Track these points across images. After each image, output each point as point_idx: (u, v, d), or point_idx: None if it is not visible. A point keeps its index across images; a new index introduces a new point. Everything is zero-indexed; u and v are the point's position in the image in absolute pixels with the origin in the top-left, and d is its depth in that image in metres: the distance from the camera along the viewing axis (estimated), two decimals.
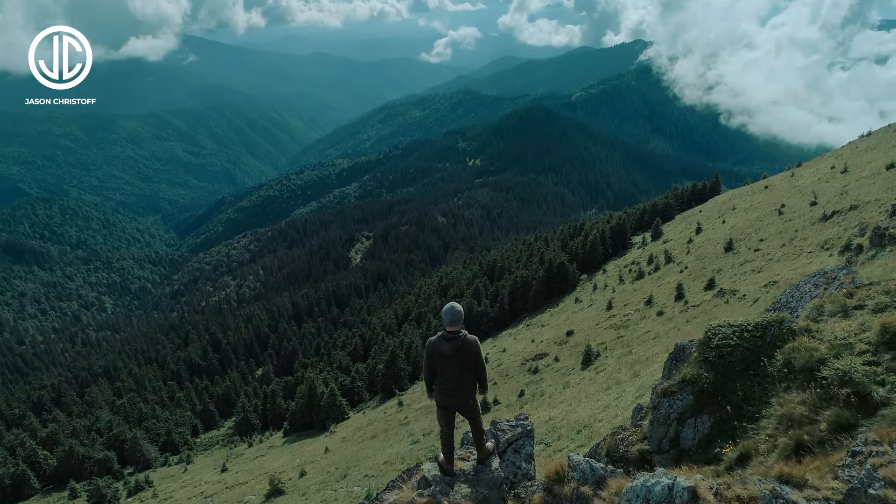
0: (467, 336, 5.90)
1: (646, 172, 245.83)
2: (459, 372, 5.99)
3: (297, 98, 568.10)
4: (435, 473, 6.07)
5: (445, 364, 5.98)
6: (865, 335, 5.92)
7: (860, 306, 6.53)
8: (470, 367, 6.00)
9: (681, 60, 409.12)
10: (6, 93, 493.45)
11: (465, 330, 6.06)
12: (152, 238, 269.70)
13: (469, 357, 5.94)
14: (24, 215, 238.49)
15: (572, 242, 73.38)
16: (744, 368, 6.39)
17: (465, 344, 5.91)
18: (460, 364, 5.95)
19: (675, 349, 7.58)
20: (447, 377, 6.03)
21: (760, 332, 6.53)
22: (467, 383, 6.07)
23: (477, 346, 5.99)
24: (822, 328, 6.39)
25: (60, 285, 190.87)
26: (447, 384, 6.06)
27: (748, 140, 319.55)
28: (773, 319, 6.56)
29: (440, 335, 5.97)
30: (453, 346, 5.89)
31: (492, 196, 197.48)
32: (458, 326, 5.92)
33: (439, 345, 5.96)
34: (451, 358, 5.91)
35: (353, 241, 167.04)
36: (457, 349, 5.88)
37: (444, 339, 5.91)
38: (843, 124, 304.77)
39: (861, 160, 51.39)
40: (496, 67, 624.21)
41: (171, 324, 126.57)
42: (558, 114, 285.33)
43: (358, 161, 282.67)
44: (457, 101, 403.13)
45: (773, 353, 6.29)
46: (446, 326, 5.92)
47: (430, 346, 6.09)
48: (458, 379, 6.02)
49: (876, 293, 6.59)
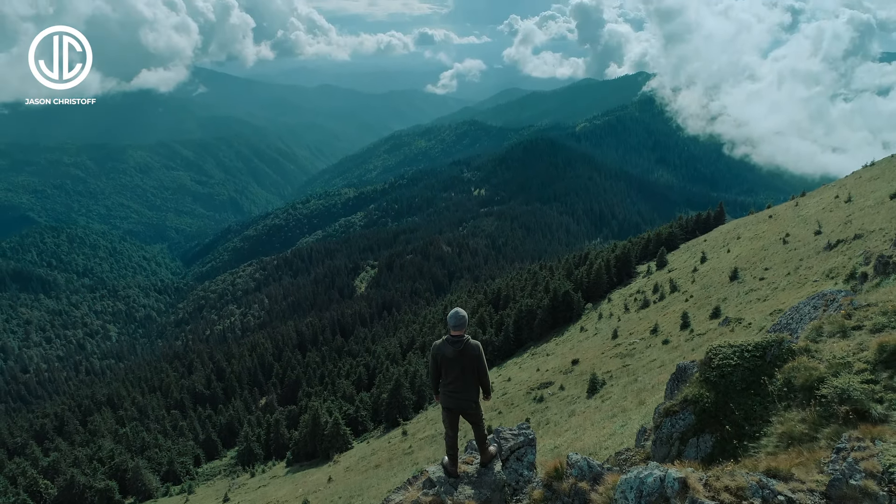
0: (470, 341, 6.12)
1: (650, 202, 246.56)
2: (462, 375, 6.19)
3: (304, 129, 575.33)
4: (439, 475, 6.27)
5: (449, 367, 6.21)
6: (863, 354, 6.02)
7: (858, 327, 6.65)
8: (472, 370, 6.20)
9: (684, 91, 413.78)
10: (20, 123, 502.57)
11: (469, 335, 6.27)
12: (158, 266, 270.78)
13: (471, 361, 6.15)
14: (32, 243, 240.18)
15: (577, 271, 73.39)
16: (745, 388, 6.48)
17: (468, 348, 6.11)
18: (462, 367, 6.16)
19: (677, 370, 7.68)
20: (450, 380, 6.25)
21: (760, 352, 6.63)
22: (470, 386, 6.27)
23: (479, 350, 6.19)
24: (821, 348, 6.50)
25: (66, 313, 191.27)
26: (450, 386, 6.28)
27: (752, 170, 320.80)
28: (773, 340, 6.67)
29: (444, 339, 6.25)
30: (456, 349, 6.11)
31: (497, 225, 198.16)
32: (461, 331, 6.15)
33: (443, 348, 6.21)
34: (454, 361, 6.14)
35: (359, 269, 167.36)
36: (459, 352, 6.10)
37: (448, 342, 6.17)
38: (847, 155, 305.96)
39: (865, 190, 51.56)
40: (501, 99, 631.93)
41: (175, 352, 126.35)
42: (563, 144, 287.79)
43: (364, 190, 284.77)
44: (462, 132, 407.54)
45: (774, 373, 6.38)
46: (451, 331, 6.19)
47: (434, 349, 6.35)
48: (461, 382, 6.22)
49: (874, 314, 6.71)
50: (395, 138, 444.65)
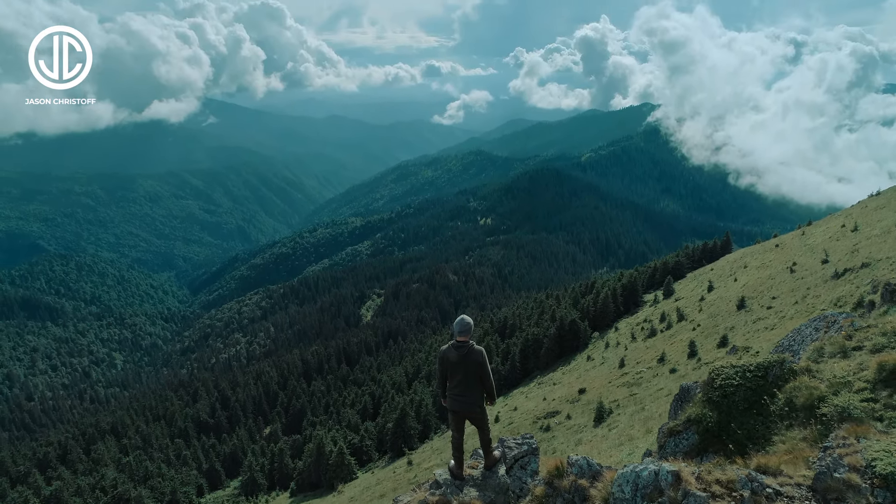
0: (474, 346, 6.49)
1: (656, 232, 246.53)
2: (466, 379, 6.53)
3: (312, 158, 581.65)
4: (446, 477, 6.61)
5: (454, 371, 6.56)
6: (863, 374, 6.11)
7: (858, 347, 6.75)
8: (475, 374, 6.53)
9: (688, 122, 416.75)
10: (33, 153, 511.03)
11: (474, 342, 6.62)
12: (165, 294, 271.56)
13: (474, 366, 6.48)
14: (41, 271, 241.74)
15: (584, 300, 73.22)
16: (747, 408, 6.55)
17: (471, 353, 6.46)
18: (466, 371, 6.49)
19: (681, 390, 7.75)
20: (455, 383, 6.60)
21: (762, 372, 6.72)
22: (473, 390, 6.57)
23: (482, 356, 6.53)
24: (822, 368, 6.59)
25: (72, 341, 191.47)
26: (455, 390, 6.62)
27: (758, 200, 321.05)
28: (775, 360, 6.76)
29: (450, 344, 6.65)
30: (460, 354, 6.48)
31: (503, 254, 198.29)
32: (466, 337, 6.53)
33: (448, 353, 6.61)
34: (458, 365, 6.50)
35: (365, 298, 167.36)
36: (463, 357, 6.46)
37: (454, 347, 6.56)
38: (853, 185, 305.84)
39: (871, 219, 51.54)
40: (507, 129, 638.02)
41: (180, 380, 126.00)
42: (568, 174, 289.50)
43: (370, 219, 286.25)
44: (468, 162, 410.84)
45: (775, 393, 6.47)
46: (456, 336, 6.58)
47: (440, 353, 6.73)
48: (465, 385, 6.55)
49: (873, 335, 6.81)
50: (401, 168, 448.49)
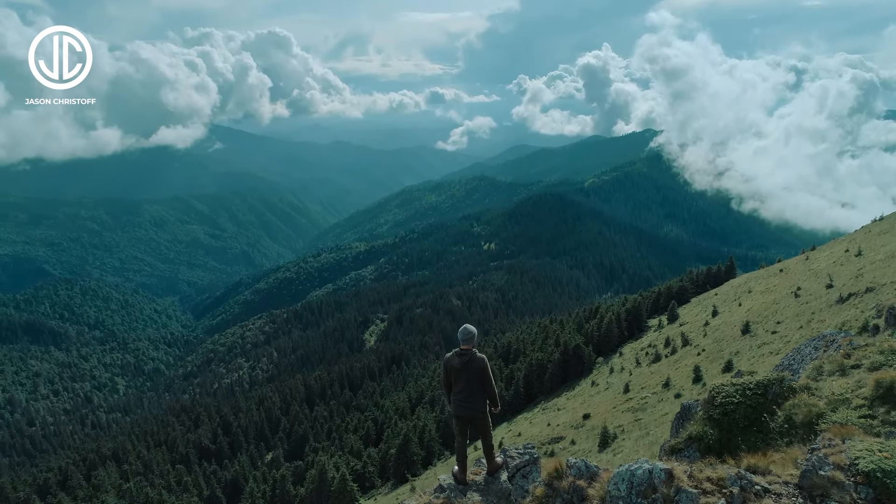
0: (476, 354, 6.88)
1: (660, 257, 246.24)
2: (468, 385, 6.89)
3: (316, 184, 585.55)
4: (450, 482, 6.88)
5: (457, 377, 6.97)
6: (861, 391, 6.20)
7: (857, 365, 6.84)
8: (477, 381, 6.90)
9: (690, 147, 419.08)
10: (41, 179, 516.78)
11: (477, 350, 7.03)
12: (169, 319, 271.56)
13: (476, 372, 6.86)
14: (45, 296, 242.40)
15: (588, 325, 73.00)
16: (747, 425, 6.63)
17: (473, 361, 6.85)
18: (468, 378, 6.88)
19: (682, 408, 7.83)
20: (459, 389, 6.98)
21: (762, 389, 6.81)
22: (476, 395, 6.92)
23: (484, 363, 6.92)
24: (820, 386, 6.68)
25: (75, 365, 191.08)
26: (459, 395, 6.99)
27: (762, 225, 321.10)
28: (774, 378, 6.85)
29: (454, 351, 7.07)
30: (462, 361, 6.88)
31: (507, 279, 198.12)
32: (469, 345, 6.91)
33: (452, 360, 7.04)
34: (460, 371, 6.90)
35: (368, 323, 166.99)
36: (465, 364, 6.84)
37: (457, 354, 6.98)
38: (857, 210, 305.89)
39: (875, 244, 51.57)
40: (510, 155, 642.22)
41: (182, 405, 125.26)
42: (572, 199, 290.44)
43: (374, 244, 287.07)
44: (472, 187, 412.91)
45: (775, 410, 6.55)
46: (460, 345, 6.96)
47: (444, 360, 7.19)
48: (468, 391, 6.91)
49: (871, 353, 6.91)
50: (405, 193, 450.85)
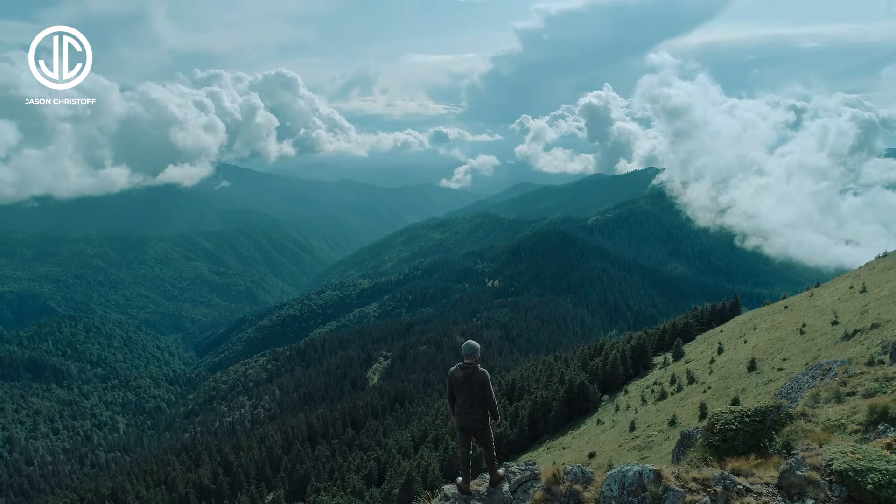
0: (478, 369, 7.34)
1: (665, 295, 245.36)
2: (470, 397, 7.29)
3: (321, 221, 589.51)
4: (454, 492, 7.26)
5: (459, 389, 7.39)
6: (856, 416, 6.33)
7: (852, 392, 6.98)
8: (479, 394, 7.29)
9: (693, 185, 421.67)
10: (49, 216, 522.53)
11: (480, 364, 7.52)
12: (171, 356, 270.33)
13: (477, 386, 7.27)
14: (48, 332, 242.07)
15: (592, 362, 72.51)
16: (746, 451, 6.72)
17: (474, 375, 7.29)
18: (470, 390, 7.28)
19: (682, 436, 7.97)
20: (462, 401, 7.40)
21: (760, 416, 6.94)
22: (477, 407, 7.34)
23: (485, 377, 7.35)
24: (817, 412, 6.81)
25: (76, 403, 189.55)
26: (462, 407, 7.40)
27: (766, 262, 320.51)
28: (772, 406, 7.00)
29: (458, 365, 7.48)
30: (465, 374, 7.30)
31: (511, 316, 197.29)
32: (471, 360, 7.37)
33: (455, 373, 7.46)
34: (463, 384, 7.32)
35: (371, 360, 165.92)
36: (467, 377, 7.28)
37: (460, 368, 7.41)
38: (861, 247, 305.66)
39: (879, 280, 51.63)
40: (514, 193, 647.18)
41: (183, 444, 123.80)
42: (575, 237, 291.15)
43: (378, 281, 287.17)
44: (476, 225, 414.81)
45: (773, 436, 6.66)
46: (464, 359, 7.44)
47: (449, 373, 7.58)
48: (471, 404, 7.33)
49: (867, 381, 7.05)
50: (409, 231, 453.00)
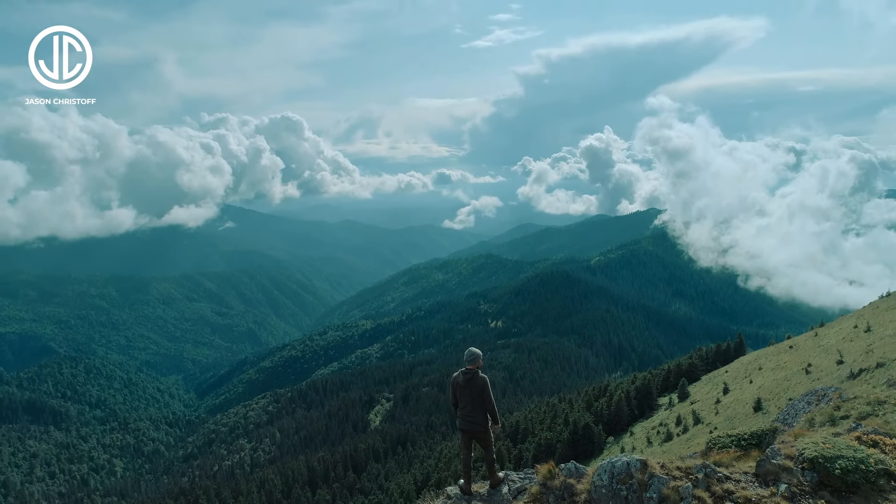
0: (478, 374, 7.77)
1: (669, 335, 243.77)
2: (471, 401, 7.74)
3: (324, 262, 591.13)
4: (456, 492, 7.69)
5: (460, 393, 7.84)
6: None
7: (846, 416, 7.19)
8: (478, 398, 7.71)
9: (694, 225, 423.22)
10: (53, 257, 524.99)
11: (482, 371, 7.96)
12: (171, 398, 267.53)
13: (476, 391, 7.70)
14: (48, 374, 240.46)
15: (597, 403, 71.76)
16: None
17: (475, 379, 7.73)
18: (470, 395, 7.72)
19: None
20: (463, 405, 7.80)
21: (756, 440, 7.18)
22: (478, 411, 7.74)
23: (484, 382, 7.79)
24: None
25: (74, 446, 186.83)
26: (463, 411, 7.79)
27: (770, 303, 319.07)
28: (768, 429, 7.23)
29: (460, 371, 7.95)
30: (465, 379, 7.76)
31: (514, 357, 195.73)
32: (473, 365, 7.78)
33: (457, 378, 7.91)
34: (463, 388, 7.78)
35: (373, 402, 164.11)
36: (467, 382, 7.75)
37: (462, 373, 7.87)
38: (865, 288, 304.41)
39: (883, 319, 51.58)
40: (516, 234, 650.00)
41: (181, 489, 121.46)
42: (578, 277, 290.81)
43: (381, 322, 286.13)
44: (479, 265, 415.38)
45: None
46: (466, 364, 7.88)
47: (452, 378, 8.04)
48: (471, 407, 7.75)
49: (859, 404, 7.28)
50: (412, 271, 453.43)
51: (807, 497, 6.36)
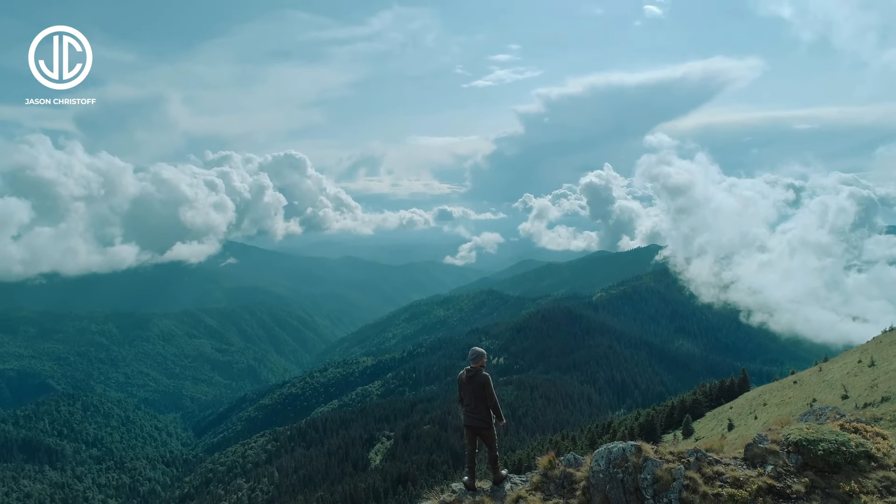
0: (481, 372, 8.29)
1: (673, 372, 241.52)
2: (473, 398, 8.24)
3: (325, 298, 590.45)
4: (460, 488, 8.33)
5: (464, 390, 8.33)
6: None
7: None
8: (480, 394, 8.18)
9: (695, 261, 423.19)
10: (55, 293, 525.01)
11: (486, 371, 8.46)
12: (169, 437, 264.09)
13: (478, 387, 8.19)
14: (46, 411, 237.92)
15: (600, 440, 70.82)
16: None
17: (476, 376, 8.22)
18: (472, 391, 8.23)
19: None
20: (467, 401, 8.30)
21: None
22: (480, 407, 8.23)
23: (485, 379, 8.27)
24: None
25: (69, 486, 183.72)
26: (467, 407, 8.30)
27: (773, 339, 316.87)
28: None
29: (465, 368, 8.42)
30: (468, 376, 8.27)
31: (516, 395, 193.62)
32: (477, 364, 8.23)
33: (462, 375, 8.40)
34: (466, 385, 8.30)
35: (374, 440, 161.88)
36: (470, 378, 8.24)
37: (466, 371, 8.35)
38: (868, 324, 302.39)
39: (887, 354, 51.54)
40: (518, 270, 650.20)
41: None
42: (580, 314, 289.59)
43: (382, 359, 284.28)
44: (480, 301, 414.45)
45: None
46: (470, 363, 8.35)
47: (458, 376, 8.48)
48: (474, 404, 8.27)
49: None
50: (414, 307, 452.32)
51: (791, 476, 7.00)
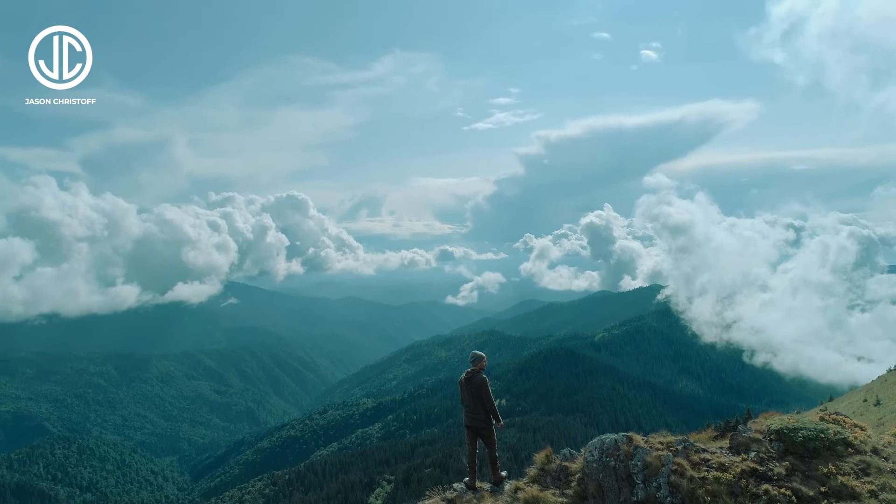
0: (479, 374, 8.79)
1: (677, 413, 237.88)
2: (471, 399, 8.76)
3: (326, 339, 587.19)
4: (462, 487, 8.68)
5: (463, 391, 8.87)
6: None
7: None
8: (478, 395, 8.68)
9: (697, 300, 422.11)
10: (54, 334, 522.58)
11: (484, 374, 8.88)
12: (165, 481, 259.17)
13: (476, 388, 8.71)
14: (40, 455, 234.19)
15: None
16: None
17: (474, 378, 8.76)
18: (470, 392, 8.75)
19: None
20: (467, 402, 8.83)
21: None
22: (478, 408, 8.72)
23: (483, 381, 8.75)
24: None
25: None
26: (467, 408, 8.84)
27: (778, 380, 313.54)
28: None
29: (465, 371, 9.00)
30: (467, 377, 8.83)
31: (519, 437, 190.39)
32: (476, 366, 8.76)
33: (462, 378, 8.95)
34: (464, 386, 8.84)
35: (374, 484, 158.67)
36: (468, 380, 8.79)
37: (465, 373, 8.93)
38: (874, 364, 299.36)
39: (892, 393, 51.37)
40: (519, 310, 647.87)
41: None
42: (583, 354, 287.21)
43: (382, 400, 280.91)
44: (482, 342, 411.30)
45: None
46: (470, 365, 8.93)
47: (459, 379, 9.03)
48: (472, 405, 8.78)
49: None
50: (415, 348, 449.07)
51: (774, 461, 7.42)
